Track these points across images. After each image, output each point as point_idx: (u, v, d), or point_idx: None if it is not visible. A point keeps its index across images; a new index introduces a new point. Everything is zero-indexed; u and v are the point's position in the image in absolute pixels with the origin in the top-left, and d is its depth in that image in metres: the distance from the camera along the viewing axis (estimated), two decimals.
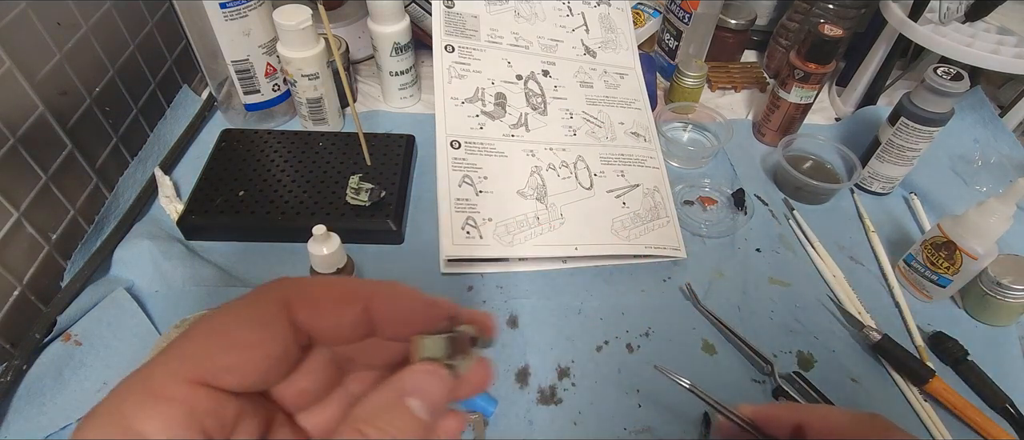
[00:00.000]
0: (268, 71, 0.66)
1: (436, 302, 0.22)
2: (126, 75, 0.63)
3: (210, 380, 0.17)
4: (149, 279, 0.53)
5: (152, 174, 0.62)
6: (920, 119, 0.60)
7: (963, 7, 0.65)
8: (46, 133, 0.52)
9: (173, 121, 0.69)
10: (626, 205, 0.61)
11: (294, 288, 0.20)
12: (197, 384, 0.17)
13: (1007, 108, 0.76)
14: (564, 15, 0.71)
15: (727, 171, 0.70)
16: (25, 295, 0.49)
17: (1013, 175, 0.70)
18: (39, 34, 0.51)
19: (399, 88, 0.73)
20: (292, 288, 0.20)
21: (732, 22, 0.82)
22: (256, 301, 0.19)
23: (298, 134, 0.65)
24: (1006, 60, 0.63)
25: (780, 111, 0.70)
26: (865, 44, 0.76)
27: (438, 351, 0.20)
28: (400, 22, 0.67)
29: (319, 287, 0.20)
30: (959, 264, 0.52)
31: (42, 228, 0.51)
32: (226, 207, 0.57)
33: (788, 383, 0.49)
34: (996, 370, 0.51)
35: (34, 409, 0.44)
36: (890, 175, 0.66)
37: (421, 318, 0.21)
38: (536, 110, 0.65)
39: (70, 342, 0.47)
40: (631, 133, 0.67)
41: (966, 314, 0.57)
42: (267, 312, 0.19)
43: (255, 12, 0.61)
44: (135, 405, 0.16)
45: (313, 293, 0.20)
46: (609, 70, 0.71)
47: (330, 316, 0.20)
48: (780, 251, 0.61)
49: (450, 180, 0.58)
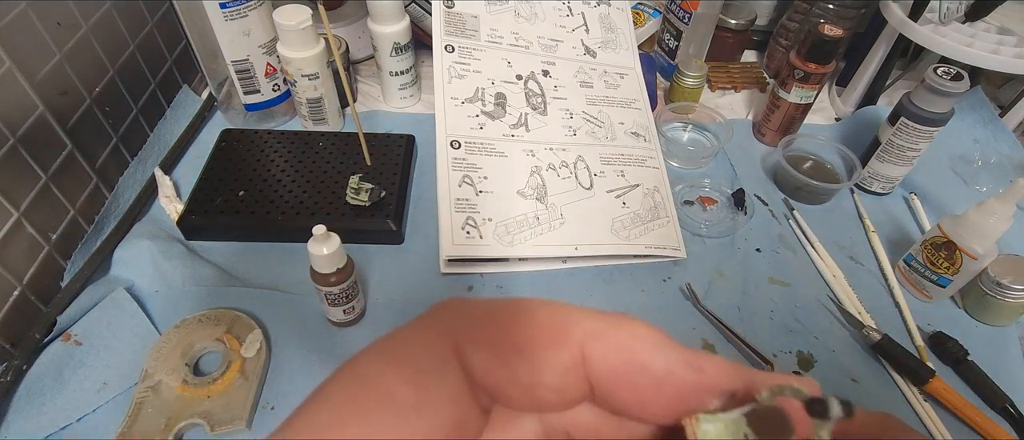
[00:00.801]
0: (268, 71, 0.66)
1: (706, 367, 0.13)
2: (126, 75, 0.63)
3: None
4: (149, 279, 0.53)
5: (152, 174, 0.62)
6: (920, 119, 0.60)
7: (963, 7, 0.65)
8: (46, 133, 0.52)
9: (173, 121, 0.69)
10: (626, 205, 0.61)
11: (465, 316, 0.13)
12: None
13: (1007, 108, 0.76)
14: (564, 15, 0.71)
15: (727, 171, 0.70)
16: (25, 295, 0.49)
17: (1013, 175, 0.70)
18: (39, 34, 0.51)
19: (399, 88, 0.73)
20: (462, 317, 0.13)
21: (732, 22, 0.82)
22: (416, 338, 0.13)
23: (298, 134, 0.65)
24: (1006, 60, 0.63)
25: (780, 111, 0.70)
26: (865, 44, 0.76)
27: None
28: (400, 22, 0.67)
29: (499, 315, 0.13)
30: (959, 264, 0.52)
31: (42, 228, 0.51)
32: (226, 207, 0.57)
33: None
34: (996, 370, 0.51)
35: (34, 409, 0.44)
36: (890, 175, 0.66)
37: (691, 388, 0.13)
38: (536, 110, 0.65)
39: (70, 342, 0.47)
40: (631, 133, 0.67)
41: (966, 314, 0.57)
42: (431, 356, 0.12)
43: (255, 12, 0.61)
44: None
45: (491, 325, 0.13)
46: (609, 70, 0.71)
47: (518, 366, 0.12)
48: (780, 251, 0.61)
49: (450, 180, 0.58)
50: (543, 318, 0.12)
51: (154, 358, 0.46)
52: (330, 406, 0.12)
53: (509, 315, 0.12)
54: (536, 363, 0.12)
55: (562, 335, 0.12)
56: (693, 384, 0.12)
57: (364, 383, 0.12)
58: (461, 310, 0.13)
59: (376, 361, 0.12)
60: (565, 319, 0.12)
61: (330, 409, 0.12)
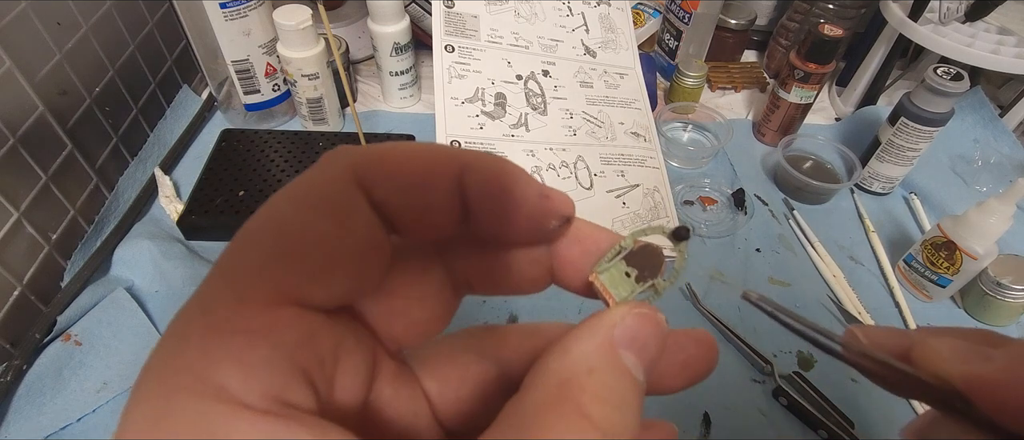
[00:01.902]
0: (268, 71, 0.66)
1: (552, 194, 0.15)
2: (126, 75, 0.63)
3: (294, 294, 0.12)
4: (149, 279, 0.53)
5: (152, 174, 0.62)
6: (920, 119, 0.60)
7: (963, 7, 0.65)
8: (46, 133, 0.52)
9: (173, 121, 0.69)
10: (626, 205, 0.61)
11: (362, 156, 0.14)
12: (276, 304, 0.12)
13: (1007, 108, 0.76)
14: (564, 15, 0.71)
15: (727, 171, 0.70)
16: (25, 295, 0.49)
17: (1013, 175, 0.70)
18: (39, 34, 0.51)
19: (399, 88, 0.73)
20: (360, 156, 0.14)
21: (732, 22, 0.82)
22: (319, 178, 0.13)
23: (298, 134, 0.65)
24: (1006, 60, 0.63)
25: (780, 111, 0.70)
26: (865, 44, 0.76)
27: (626, 289, 0.15)
28: (400, 22, 0.67)
29: (396, 152, 0.14)
30: (959, 264, 0.52)
31: (42, 228, 0.51)
32: (226, 207, 0.57)
33: (788, 383, 0.49)
34: None
35: (34, 409, 0.44)
36: (890, 175, 0.66)
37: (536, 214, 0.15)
38: (536, 110, 0.65)
39: (70, 342, 0.47)
40: (631, 133, 0.67)
41: (966, 314, 0.57)
42: (338, 190, 0.13)
43: (255, 12, 0.61)
44: (200, 349, 0.11)
45: (389, 158, 0.14)
46: (609, 70, 0.71)
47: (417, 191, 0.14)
48: (780, 251, 0.61)
49: None
50: (427, 151, 0.14)
51: None
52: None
53: (400, 150, 0.14)
54: (424, 188, 0.14)
55: (443, 164, 0.14)
56: (543, 208, 0.15)
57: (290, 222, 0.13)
58: (355, 150, 0.14)
59: (290, 205, 0.13)
60: (445, 153, 0.15)
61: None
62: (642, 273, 0.16)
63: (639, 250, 0.16)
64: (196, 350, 0.11)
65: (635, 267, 0.16)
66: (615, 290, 0.15)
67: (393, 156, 0.14)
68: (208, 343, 0.11)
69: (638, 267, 0.16)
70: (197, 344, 0.11)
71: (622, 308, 0.14)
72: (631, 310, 0.14)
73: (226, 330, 0.11)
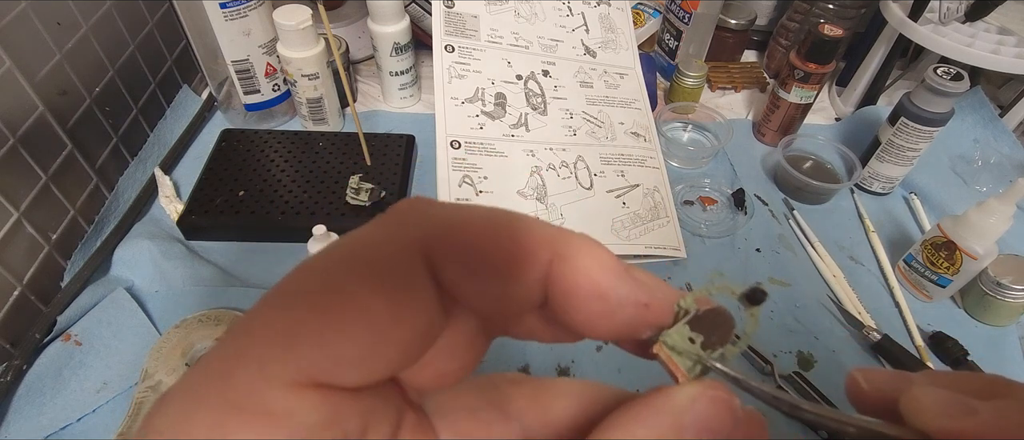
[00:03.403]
0: (268, 71, 0.66)
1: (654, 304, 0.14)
2: (126, 75, 0.63)
3: (324, 378, 0.11)
4: (149, 279, 0.53)
5: (152, 174, 0.62)
6: (920, 119, 0.60)
7: (963, 7, 0.65)
8: (46, 133, 0.52)
9: (173, 121, 0.69)
10: (626, 205, 0.61)
11: (437, 227, 0.12)
12: (304, 387, 0.11)
13: (1007, 108, 0.76)
14: (564, 15, 0.71)
15: (727, 171, 0.70)
16: (25, 295, 0.49)
17: (1013, 175, 0.70)
18: (39, 34, 0.51)
19: (399, 88, 0.73)
20: (434, 227, 0.12)
21: (732, 22, 0.82)
22: (384, 246, 0.12)
23: (298, 134, 0.65)
24: (1006, 60, 0.63)
25: (780, 111, 0.70)
26: (865, 44, 0.76)
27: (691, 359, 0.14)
28: (400, 22, 0.67)
29: (475, 225, 0.13)
30: (959, 264, 0.52)
31: (42, 228, 0.51)
32: (226, 207, 0.57)
33: (788, 383, 0.49)
34: (996, 370, 0.51)
35: (34, 409, 0.44)
36: (890, 175, 0.66)
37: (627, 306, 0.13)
38: (536, 110, 0.65)
39: (70, 342, 0.47)
40: (631, 133, 0.67)
41: (966, 314, 0.57)
42: (402, 265, 0.12)
43: (255, 12, 0.61)
44: (215, 425, 0.10)
45: (468, 231, 0.12)
46: (609, 70, 0.71)
47: (491, 282, 0.12)
48: (780, 251, 0.61)
49: (450, 180, 0.58)
50: (515, 233, 0.13)
51: (154, 358, 0.46)
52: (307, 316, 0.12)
53: (482, 225, 0.12)
54: (507, 279, 0.12)
55: (532, 254, 0.13)
56: (639, 318, 0.13)
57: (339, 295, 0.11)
58: (429, 213, 0.13)
59: (344, 270, 0.12)
60: (535, 237, 0.13)
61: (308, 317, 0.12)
62: (709, 339, 0.14)
63: (706, 314, 0.14)
64: (208, 426, 0.10)
65: (701, 332, 0.14)
66: (681, 360, 0.14)
67: (473, 229, 0.12)
68: (224, 421, 0.10)
69: (704, 332, 0.14)
70: (210, 420, 0.10)
71: (693, 388, 0.13)
72: (704, 392, 0.13)
73: (245, 409, 0.10)
